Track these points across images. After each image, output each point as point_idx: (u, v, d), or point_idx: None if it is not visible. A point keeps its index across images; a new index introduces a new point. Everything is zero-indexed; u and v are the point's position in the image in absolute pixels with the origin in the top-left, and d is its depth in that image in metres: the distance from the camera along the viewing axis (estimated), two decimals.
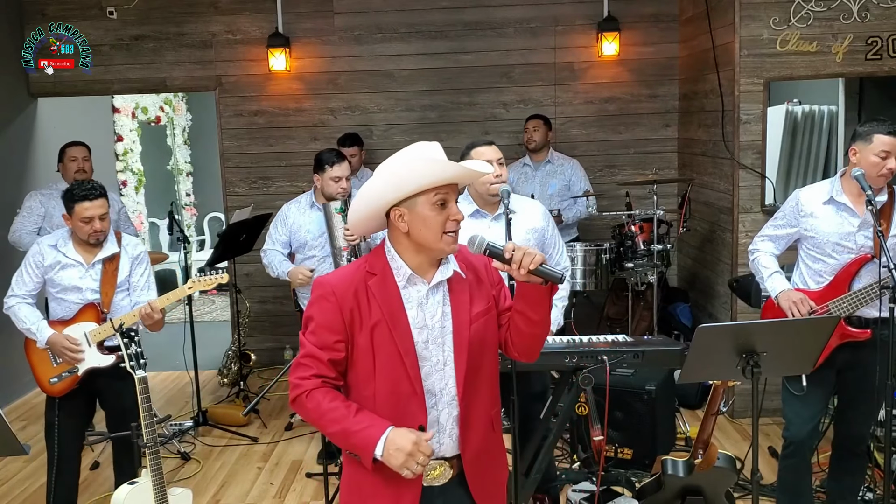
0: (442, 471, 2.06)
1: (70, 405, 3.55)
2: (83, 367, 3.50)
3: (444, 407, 2.05)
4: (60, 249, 3.52)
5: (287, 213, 4.40)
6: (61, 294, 3.53)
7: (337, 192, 4.18)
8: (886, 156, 3.04)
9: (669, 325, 5.57)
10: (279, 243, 4.38)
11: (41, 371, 3.54)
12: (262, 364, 6.09)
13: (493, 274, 2.14)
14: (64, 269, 3.51)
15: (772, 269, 3.33)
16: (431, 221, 1.97)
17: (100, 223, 3.43)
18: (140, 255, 3.67)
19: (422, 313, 2.03)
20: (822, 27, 4.66)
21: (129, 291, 3.62)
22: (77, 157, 4.91)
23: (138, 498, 3.06)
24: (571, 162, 5.60)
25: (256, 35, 6.01)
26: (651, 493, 3.24)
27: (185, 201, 9.66)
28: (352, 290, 1.99)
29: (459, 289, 2.07)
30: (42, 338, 3.46)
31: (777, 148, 5.69)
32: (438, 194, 1.97)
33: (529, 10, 5.97)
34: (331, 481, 3.80)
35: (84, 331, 3.50)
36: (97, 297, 3.52)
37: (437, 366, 2.04)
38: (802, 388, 3.18)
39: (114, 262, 3.56)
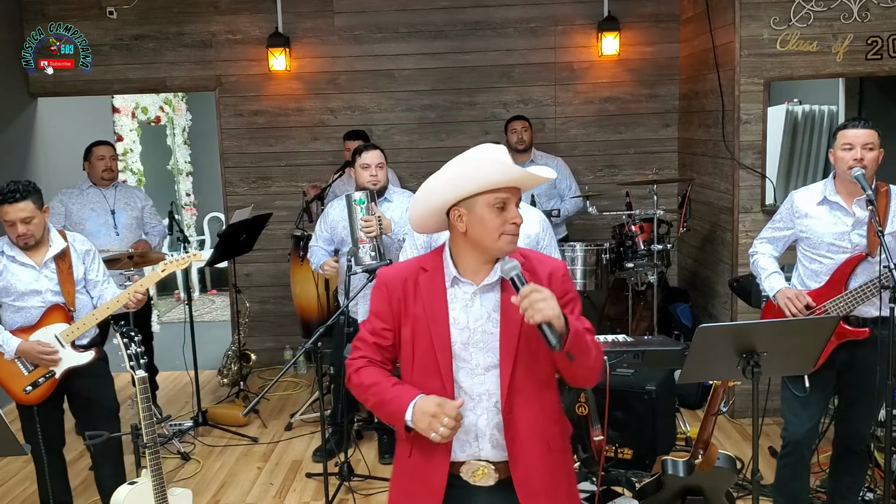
0: (485, 472, 2.08)
1: (47, 409, 3.48)
2: (61, 370, 3.44)
3: (484, 412, 2.06)
4: (8, 254, 3.40)
5: (329, 210, 4.42)
6: (18, 301, 3.42)
7: (367, 181, 4.16)
8: (850, 148, 3.08)
9: (669, 325, 5.57)
10: (322, 240, 4.40)
11: (12, 383, 3.42)
12: (262, 364, 6.09)
13: (558, 285, 2.05)
14: (15, 275, 3.40)
15: (770, 269, 3.34)
16: (489, 223, 1.98)
17: (23, 227, 3.30)
18: (90, 250, 3.60)
19: (465, 315, 2.05)
20: (823, 27, 4.66)
21: (86, 289, 3.56)
22: (105, 155, 4.98)
23: (138, 498, 3.06)
24: (555, 160, 5.59)
25: (256, 35, 6.01)
26: (651, 493, 3.24)
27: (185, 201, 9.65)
28: (402, 282, 2.09)
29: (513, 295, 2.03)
30: (10, 349, 3.36)
31: (777, 148, 5.69)
32: (499, 196, 1.98)
33: (529, 10, 5.97)
34: (331, 481, 3.80)
35: (54, 333, 3.42)
36: (60, 298, 3.45)
37: (478, 369, 2.05)
38: (805, 389, 3.19)
39: (65, 259, 3.47)
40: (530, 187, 2.07)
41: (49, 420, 3.50)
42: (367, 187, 4.16)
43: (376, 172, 4.17)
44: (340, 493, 4.06)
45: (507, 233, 1.99)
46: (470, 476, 2.08)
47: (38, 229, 3.36)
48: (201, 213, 9.81)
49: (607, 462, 3.85)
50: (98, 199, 4.98)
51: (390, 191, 4.36)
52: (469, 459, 2.08)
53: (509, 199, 1.99)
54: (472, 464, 2.08)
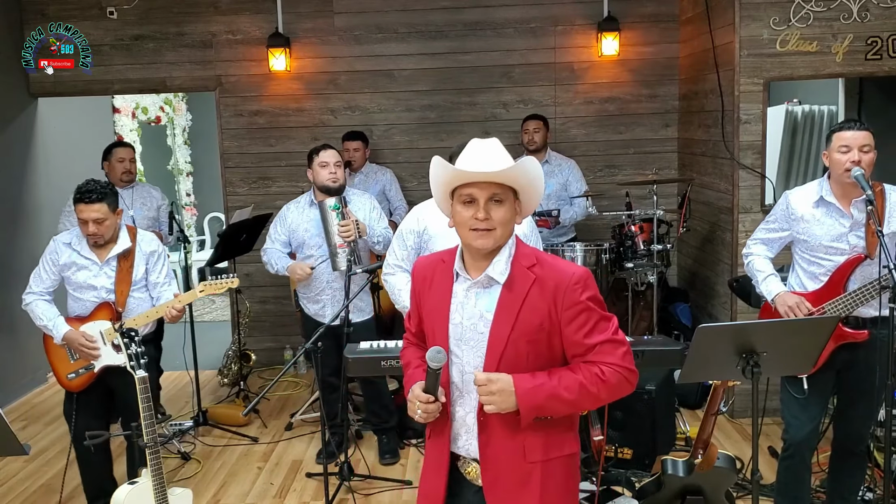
0: (475, 472, 2.10)
1: (86, 400, 3.63)
2: (99, 365, 3.57)
3: (471, 410, 2.08)
4: (75, 248, 3.56)
5: (286, 213, 4.41)
6: (77, 292, 3.59)
7: (327, 179, 4.17)
8: (847, 150, 3.07)
9: (669, 325, 5.57)
10: (278, 242, 4.40)
11: (59, 367, 3.62)
12: (262, 364, 6.09)
13: (566, 295, 1.99)
14: (79, 270, 3.56)
15: (767, 272, 3.33)
16: (457, 217, 2.04)
17: (94, 226, 3.43)
18: (156, 251, 3.71)
19: (460, 310, 2.07)
20: (822, 27, 4.66)
21: (146, 289, 3.67)
22: (125, 157, 5.04)
23: (138, 498, 3.06)
24: (569, 162, 5.60)
25: (256, 35, 6.01)
26: (651, 493, 3.24)
27: (186, 201, 9.65)
28: (424, 272, 2.18)
29: (512, 298, 2.01)
30: (59, 334, 3.52)
31: (777, 148, 5.70)
32: (462, 192, 2.01)
33: (529, 10, 5.97)
34: (331, 481, 3.80)
35: (100, 329, 3.56)
36: (112, 297, 3.57)
37: (468, 367, 2.07)
38: (804, 390, 3.18)
39: (128, 259, 3.60)
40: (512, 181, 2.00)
41: (87, 410, 3.64)
42: (326, 185, 4.18)
43: (335, 170, 4.20)
44: (340, 493, 4.06)
45: (473, 228, 1.99)
46: (464, 471, 2.13)
47: (109, 231, 3.50)
48: (201, 213, 9.82)
49: (607, 462, 3.85)
50: None
51: (348, 191, 4.35)
52: (461, 454, 2.12)
53: (476, 195, 1.99)
54: (465, 460, 2.12)
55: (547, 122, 5.56)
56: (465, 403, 2.08)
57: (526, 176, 2.02)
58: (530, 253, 2.06)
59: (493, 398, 1.95)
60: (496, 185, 1.99)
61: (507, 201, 2.00)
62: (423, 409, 2.02)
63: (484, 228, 1.98)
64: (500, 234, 2.00)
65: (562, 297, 1.98)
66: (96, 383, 3.61)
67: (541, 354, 2.02)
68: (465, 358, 2.06)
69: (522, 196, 2.04)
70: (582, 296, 1.99)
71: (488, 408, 1.97)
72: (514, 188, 2.02)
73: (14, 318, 3.72)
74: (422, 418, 2.04)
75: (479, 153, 2.02)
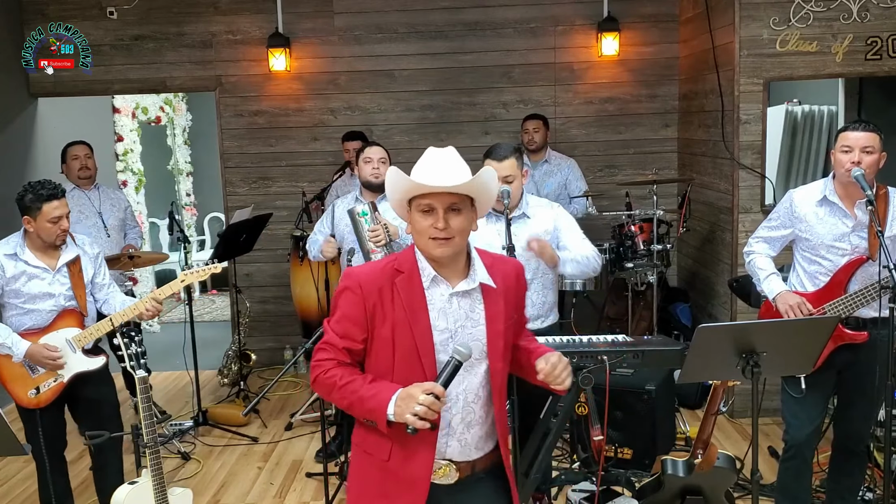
0: (447, 471, 2.10)
1: (51, 412, 3.44)
2: (69, 374, 3.41)
3: (458, 411, 2.09)
4: (21, 258, 3.37)
5: (335, 206, 4.44)
6: (29, 304, 3.39)
7: (370, 174, 4.20)
8: (849, 150, 3.07)
9: (669, 325, 5.57)
10: (321, 235, 4.41)
11: (17, 385, 3.37)
12: (262, 364, 6.09)
13: (520, 284, 2.22)
14: (31, 279, 3.37)
15: (768, 270, 3.33)
16: (417, 225, 2.05)
17: (66, 222, 3.35)
18: (98, 253, 3.61)
19: (444, 317, 2.07)
20: (822, 27, 4.66)
21: (92, 292, 3.54)
22: (79, 154, 4.95)
23: (138, 498, 3.06)
24: (569, 161, 5.60)
25: (256, 35, 6.01)
26: (651, 493, 3.24)
27: (186, 201, 9.65)
28: (377, 285, 2.06)
29: (493, 298, 2.11)
30: (19, 351, 3.31)
31: (777, 148, 5.70)
32: (421, 202, 2.03)
33: (529, 10, 5.97)
34: (331, 481, 3.80)
35: (66, 337, 3.40)
36: (73, 303, 3.43)
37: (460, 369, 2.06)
38: (801, 390, 3.18)
39: (76, 263, 3.47)
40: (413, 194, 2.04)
41: (52, 423, 3.48)
42: (369, 181, 4.19)
43: (378, 166, 4.21)
44: (340, 493, 4.06)
45: (432, 237, 2.02)
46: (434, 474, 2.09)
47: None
48: (201, 213, 9.82)
49: (607, 462, 3.85)
50: (84, 202, 4.95)
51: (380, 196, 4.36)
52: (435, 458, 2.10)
53: (434, 204, 2.01)
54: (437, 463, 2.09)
55: (547, 122, 5.56)
56: (451, 407, 2.08)
57: (485, 186, 2.08)
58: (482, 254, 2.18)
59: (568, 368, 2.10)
60: (454, 194, 2.03)
61: (464, 209, 2.05)
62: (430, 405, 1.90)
63: (443, 237, 2.02)
64: (459, 242, 2.05)
65: (520, 285, 2.22)
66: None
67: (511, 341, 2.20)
68: None
69: (478, 203, 2.10)
70: (525, 286, 2.26)
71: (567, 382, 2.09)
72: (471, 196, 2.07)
73: None
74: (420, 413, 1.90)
75: (437, 163, 2.05)
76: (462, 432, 2.10)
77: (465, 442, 2.10)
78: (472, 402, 2.10)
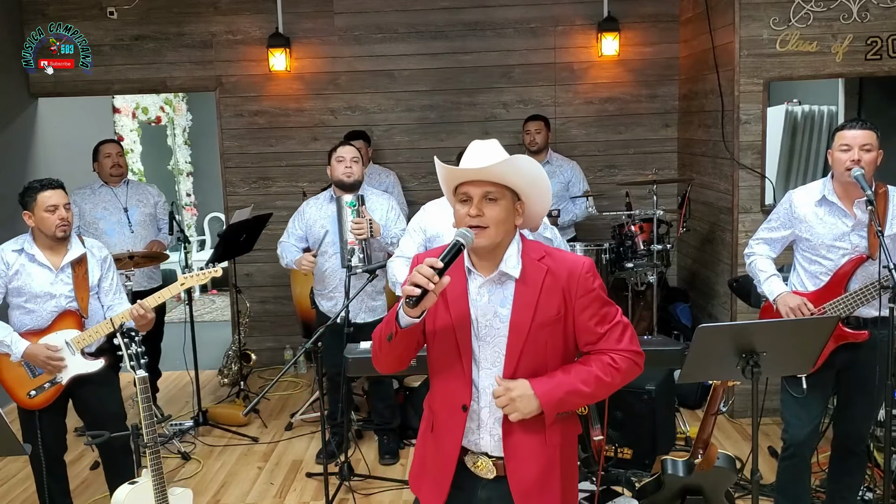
0: (485, 464, 2.11)
1: (50, 414, 3.43)
2: (67, 376, 3.40)
3: (487, 405, 2.08)
4: (28, 252, 3.38)
5: (305, 208, 4.44)
6: (30, 303, 3.38)
7: (342, 174, 4.18)
8: (848, 149, 3.07)
9: (669, 325, 5.57)
10: (293, 237, 4.41)
11: (16, 385, 3.37)
12: (262, 364, 6.09)
13: (578, 283, 2.04)
14: (31, 276, 3.36)
15: (769, 272, 3.33)
16: (457, 215, 2.04)
17: (65, 211, 3.34)
18: (107, 257, 3.58)
19: (473, 308, 2.07)
20: (822, 27, 4.66)
21: (98, 295, 3.53)
22: (112, 153, 5.05)
23: (138, 498, 3.06)
24: (570, 163, 5.60)
25: (256, 35, 6.01)
26: (651, 493, 3.24)
27: (186, 201, 9.65)
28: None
29: (527, 292, 2.03)
30: (18, 351, 3.30)
31: (777, 148, 5.70)
32: (460, 190, 2.03)
33: (529, 10, 5.97)
34: (331, 481, 3.80)
35: (65, 338, 3.38)
36: (74, 304, 3.41)
37: (485, 363, 2.07)
38: (803, 390, 3.18)
39: (82, 265, 3.45)
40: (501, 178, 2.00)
41: (51, 425, 3.46)
42: (341, 179, 4.19)
43: (351, 165, 4.20)
44: (340, 493, 4.06)
45: (467, 224, 2.00)
46: (472, 465, 2.12)
47: (72, 220, 3.40)
48: (201, 213, 9.82)
49: (607, 462, 3.85)
50: (110, 198, 5.04)
51: (367, 192, 4.35)
52: (472, 448, 2.12)
53: (471, 192, 2.00)
54: (475, 455, 2.12)
55: (548, 123, 5.56)
56: (480, 398, 2.08)
57: (518, 173, 2.01)
58: (537, 246, 2.10)
59: (514, 404, 1.99)
60: (490, 183, 2.00)
61: (502, 200, 2.01)
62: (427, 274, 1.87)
63: (476, 225, 1.99)
64: (494, 233, 2.00)
65: (575, 285, 2.03)
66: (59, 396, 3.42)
67: (557, 344, 2.06)
68: (481, 354, 2.07)
69: (524, 196, 2.04)
70: (594, 283, 2.05)
71: (513, 416, 2.00)
72: (512, 188, 2.02)
73: None
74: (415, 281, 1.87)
75: (476, 153, 2.05)
76: (493, 426, 2.09)
77: (497, 437, 2.09)
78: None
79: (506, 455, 2.08)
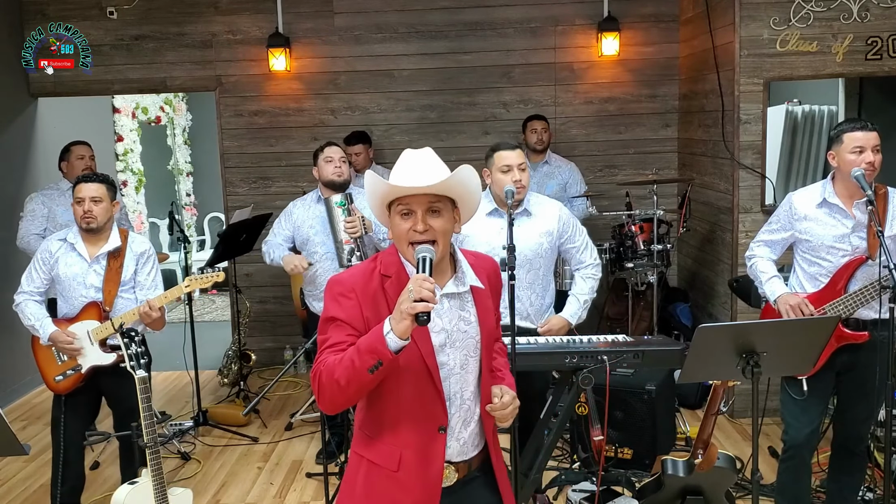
0: (447, 473, 2.07)
1: (74, 402, 3.56)
2: (86, 365, 3.52)
3: (457, 411, 2.07)
4: (70, 241, 3.53)
5: (292, 209, 4.42)
6: (66, 291, 3.54)
7: (332, 174, 4.18)
8: (861, 150, 3.06)
9: (669, 325, 5.57)
10: (280, 237, 4.39)
11: (47, 369, 3.57)
12: (262, 364, 6.09)
13: (498, 281, 2.23)
14: (67, 264, 3.51)
15: (769, 273, 3.33)
16: (396, 229, 2.01)
17: (90, 204, 3.43)
18: (146, 252, 3.66)
19: (438, 317, 2.03)
20: (822, 27, 4.66)
21: (134, 290, 3.61)
22: (84, 155, 4.98)
23: (138, 498, 3.06)
24: (569, 164, 5.61)
25: (256, 35, 6.01)
26: (651, 493, 3.24)
27: (186, 201, 9.66)
28: (370, 290, 1.99)
29: (482, 297, 2.11)
30: (45, 334, 3.48)
31: (777, 148, 5.70)
32: (401, 204, 1.99)
33: (529, 10, 5.97)
34: (331, 481, 3.80)
35: (87, 329, 3.50)
36: (99, 296, 3.52)
37: (454, 370, 2.05)
38: (803, 392, 3.18)
39: (118, 258, 3.55)
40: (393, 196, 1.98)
41: (74, 413, 3.57)
42: (332, 180, 4.18)
43: (340, 165, 4.19)
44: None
45: (413, 241, 1.96)
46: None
47: (102, 215, 3.47)
48: (201, 213, 9.82)
49: (607, 462, 3.85)
50: None
51: (354, 191, 4.35)
52: None
53: (413, 206, 1.96)
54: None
55: (548, 123, 5.57)
56: (449, 408, 2.05)
57: (462, 184, 2.00)
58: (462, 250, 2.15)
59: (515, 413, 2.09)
60: (432, 195, 1.98)
61: (444, 210, 1.99)
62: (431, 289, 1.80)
63: (423, 240, 1.95)
64: (442, 245, 1.98)
65: (496, 283, 2.21)
66: (85, 385, 3.55)
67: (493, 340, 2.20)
68: (451, 362, 2.04)
69: (460, 204, 2.04)
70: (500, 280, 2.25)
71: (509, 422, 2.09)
72: (452, 197, 2.02)
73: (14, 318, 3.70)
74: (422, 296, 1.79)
75: (413, 165, 2.01)
76: (460, 431, 2.08)
77: (462, 441, 2.09)
78: (468, 400, 2.08)
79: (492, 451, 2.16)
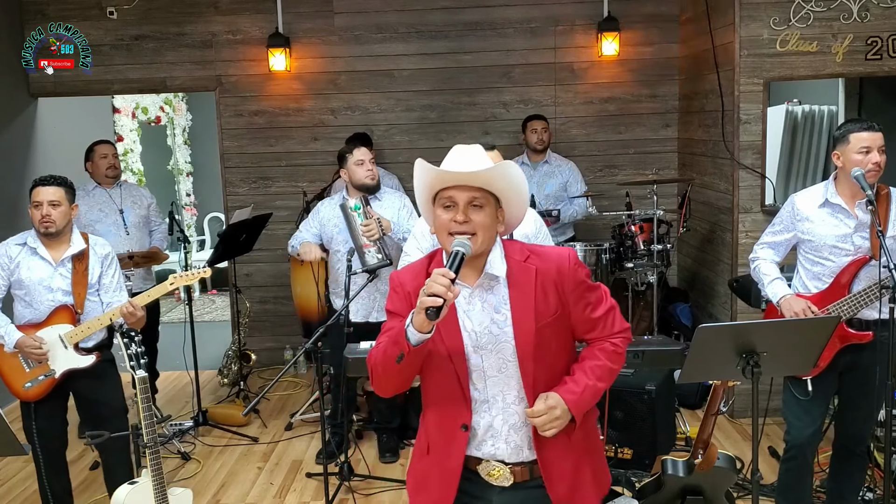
0: (501, 473, 2.08)
1: (45, 408, 3.47)
2: (60, 370, 3.43)
3: (499, 412, 2.05)
4: (31, 246, 3.45)
5: (320, 207, 4.50)
6: (29, 296, 3.44)
7: (365, 177, 4.19)
8: (868, 151, 3.06)
9: (669, 325, 5.57)
10: (308, 233, 4.46)
11: (13, 377, 3.43)
12: (262, 364, 6.09)
13: (570, 276, 2.04)
14: (30, 269, 3.43)
15: (772, 275, 3.33)
16: (437, 221, 2.01)
17: (48, 208, 3.36)
18: (109, 254, 3.61)
19: (467, 318, 2.02)
20: (822, 27, 4.66)
21: (98, 292, 3.55)
22: (108, 153, 5.03)
23: (138, 498, 3.06)
24: (569, 164, 5.61)
25: (256, 35, 6.01)
26: (651, 493, 3.24)
27: (185, 201, 9.65)
28: (416, 285, 1.98)
29: (522, 296, 2.01)
30: (10, 341, 3.37)
31: (777, 148, 5.70)
32: (443, 194, 1.99)
33: (529, 10, 5.97)
34: (331, 481, 3.80)
35: (58, 333, 3.42)
36: (70, 299, 3.45)
37: (491, 371, 2.04)
38: (808, 392, 3.18)
39: (83, 261, 3.48)
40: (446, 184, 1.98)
41: (49, 419, 3.50)
42: (365, 183, 4.19)
43: (371, 167, 4.21)
44: (340, 493, 4.06)
45: (454, 231, 1.96)
46: (486, 475, 2.09)
47: (61, 219, 3.40)
48: (201, 213, 9.82)
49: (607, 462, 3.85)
50: (105, 200, 5.01)
51: (381, 190, 4.38)
52: (486, 458, 2.08)
53: (456, 197, 1.97)
54: (490, 463, 2.08)
55: (548, 123, 5.57)
56: (490, 408, 2.05)
57: (506, 179, 1.99)
58: (519, 247, 2.08)
59: (557, 422, 1.99)
60: (476, 189, 1.97)
61: (487, 206, 1.98)
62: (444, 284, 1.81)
63: (462, 231, 1.95)
64: (481, 240, 1.96)
65: (566, 279, 2.04)
66: (55, 389, 3.45)
67: (562, 340, 2.07)
68: (486, 363, 2.03)
69: (505, 203, 2.02)
70: (582, 274, 2.06)
71: (551, 432, 1.99)
72: (495, 194, 2.00)
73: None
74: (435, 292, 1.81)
75: (460, 158, 2.02)
76: (508, 434, 2.06)
77: (514, 444, 2.06)
78: (512, 404, 2.04)
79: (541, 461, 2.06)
